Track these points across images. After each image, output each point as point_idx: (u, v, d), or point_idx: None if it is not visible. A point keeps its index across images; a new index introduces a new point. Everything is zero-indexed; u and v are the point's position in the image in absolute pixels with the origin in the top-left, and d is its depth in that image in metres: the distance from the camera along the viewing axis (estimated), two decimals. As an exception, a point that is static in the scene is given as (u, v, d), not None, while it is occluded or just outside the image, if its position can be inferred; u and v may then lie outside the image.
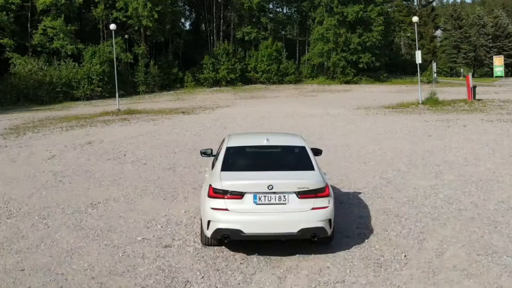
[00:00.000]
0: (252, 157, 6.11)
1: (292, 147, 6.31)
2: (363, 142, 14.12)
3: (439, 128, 16.40)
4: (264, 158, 6.11)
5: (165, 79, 44.26)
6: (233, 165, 5.92)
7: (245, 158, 6.11)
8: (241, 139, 6.88)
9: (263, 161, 6.06)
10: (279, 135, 8.10)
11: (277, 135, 8.06)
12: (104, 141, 15.85)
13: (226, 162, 5.90)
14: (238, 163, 6.04)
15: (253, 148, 6.26)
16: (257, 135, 7.51)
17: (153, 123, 21.02)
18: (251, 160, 6.07)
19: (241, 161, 6.08)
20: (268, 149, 6.20)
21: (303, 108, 26.11)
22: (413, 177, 9.54)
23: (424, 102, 26.18)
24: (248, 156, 6.12)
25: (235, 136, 6.91)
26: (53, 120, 24.05)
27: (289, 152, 6.24)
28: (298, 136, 6.96)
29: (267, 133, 8.28)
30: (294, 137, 6.87)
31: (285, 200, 5.47)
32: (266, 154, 6.16)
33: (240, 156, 6.14)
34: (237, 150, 6.19)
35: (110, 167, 11.34)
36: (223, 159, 5.95)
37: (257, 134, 8.18)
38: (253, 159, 6.09)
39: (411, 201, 7.87)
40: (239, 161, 6.08)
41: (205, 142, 14.68)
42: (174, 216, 7.35)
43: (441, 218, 6.95)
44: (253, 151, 6.18)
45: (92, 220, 7.24)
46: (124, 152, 13.43)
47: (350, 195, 8.36)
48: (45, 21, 39.83)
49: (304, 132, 16.44)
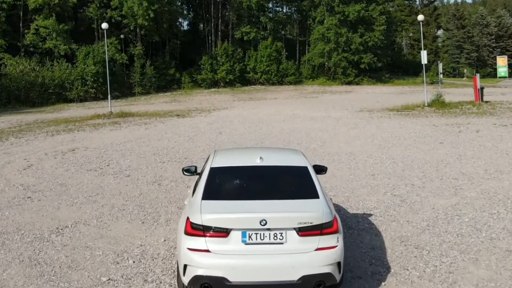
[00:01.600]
0: (241, 182, 4.90)
1: (291, 168, 5.11)
2: (369, 149, 12.94)
3: (450, 134, 15.22)
4: (256, 183, 4.91)
5: (161, 80, 43.12)
6: (217, 192, 4.73)
7: (232, 183, 4.91)
8: (229, 156, 5.68)
9: (255, 186, 4.86)
10: (275, 151, 6.77)
11: (272, 151, 6.73)
12: (89, 148, 14.69)
13: (209, 188, 4.71)
14: (224, 189, 4.85)
15: (243, 169, 5.05)
16: (248, 152, 6.23)
17: (144, 127, 19.86)
18: (240, 186, 4.88)
19: (227, 187, 4.88)
20: (262, 170, 5.00)
21: (304, 111, 24.95)
22: (430, 193, 8.36)
23: (430, 104, 25.02)
24: (236, 180, 4.92)
25: (222, 153, 5.71)
26: (41, 124, 22.91)
27: (287, 174, 5.04)
28: (298, 152, 5.73)
29: (260, 149, 7.03)
30: (293, 154, 5.66)
31: (283, 238, 4.30)
32: (259, 178, 4.97)
33: (226, 180, 4.95)
34: (223, 172, 5.00)
35: (88, 180, 10.17)
36: (205, 184, 4.77)
37: (248, 151, 6.81)
38: (243, 184, 4.89)
39: (432, 226, 6.70)
40: (225, 186, 4.89)
41: (197, 151, 13.52)
42: (151, 247, 6.17)
43: (471, 251, 5.77)
44: (243, 173, 4.98)
45: (53, 252, 6.07)
46: (108, 162, 12.26)
47: (359, 217, 7.18)
48: (37, 20, 38.73)
49: (305, 138, 15.32)
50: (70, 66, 37.84)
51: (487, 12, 77.76)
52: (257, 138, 15.64)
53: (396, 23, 56.21)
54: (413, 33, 68.46)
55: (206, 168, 5.12)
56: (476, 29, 71.88)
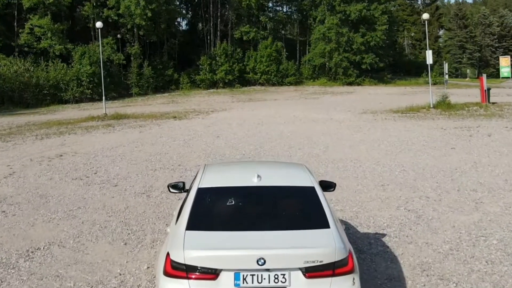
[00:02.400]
0: (234, 207, 4.05)
1: (295, 190, 4.23)
2: (376, 155, 12.09)
3: (460, 138, 14.37)
4: (253, 208, 4.04)
5: (159, 80, 42.27)
6: (205, 220, 3.87)
7: (224, 209, 4.05)
8: (220, 173, 4.81)
9: (251, 213, 3.99)
10: (275, 166, 5.77)
11: (272, 166, 5.67)
12: (78, 153, 13.84)
13: (195, 215, 3.85)
14: (213, 216, 3.98)
15: (237, 191, 4.18)
16: (243, 168, 5.30)
17: (139, 130, 19.01)
18: (233, 212, 4.02)
19: (217, 214, 4.02)
20: (260, 192, 4.13)
21: (304, 112, 24.11)
22: (448, 208, 7.51)
23: (435, 106, 24.16)
24: (228, 205, 4.06)
25: (213, 169, 4.84)
26: (32, 126, 22.07)
27: (290, 197, 4.17)
28: (303, 167, 4.84)
29: (258, 164, 6.05)
30: (297, 170, 4.78)
31: (285, 281, 3.45)
32: (256, 202, 4.10)
33: (216, 204, 4.09)
34: (213, 194, 4.13)
35: (72, 191, 9.32)
36: (190, 210, 3.90)
37: (243, 166, 5.67)
38: (237, 211, 4.04)
39: (455, 249, 5.84)
40: (215, 213, 4.02)
41: (192, 156, 12.67)
42: (132, 276, 5.32)
43: (506, 283, 4.92)
44: (236, 196, 4.12)
45: (16, 283, 5.22)
46: (96, 169, 11.41)
47: (371, 238, 6.33)
48: (32, 20, 37.86)
49: (307, 142, 14.46)
50: (65, 66, 36.99)
51: (489, 11, 76.92)
52: (256, 142, 14.80)
53: (398, 22, 55.33)
54: (415, 33, 67.65)
55: (192, 189, 4.26)
56: (478, 29, 71.03)
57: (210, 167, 4.86)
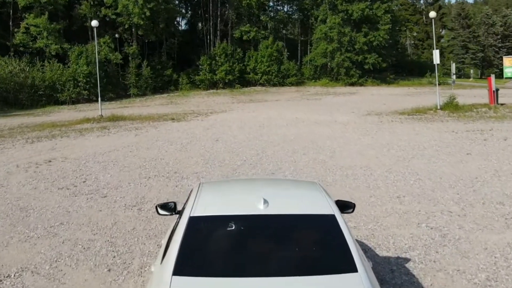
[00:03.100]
0: (235, 243, 3.21)
1: (310, 219, 3.35)
2: (387, 162, 11.26)
3: (475, 142, 13.53)
4: (258, 245, 3.20)
5: (158, 81, 41.39)
6: (197, 261, 3.02)
7: (221, 245, 3.21)
8: (218, 196, 3.95)
9: (256, 251, 3.15)
10: (283, 186, 4.68)
11: (279, 186, 4.62)
12: (68, 158, 13.01)
13: (185, 255, 3.01)
14: (208, 257, 3.13)
15: (239, 221, 3.35)
16: (246, 188, 4.36)
17: (135, 133, 18.19)
18: (232, 251, 3.18)
19: (213, 253, 3.18)
20: (267, 223, 3.30)
21: (307, 114, 23.29)
22: (475, 225, 6.67)
23: (442, 107, 23.33)
24: (227, 241, 3.22)
25: (209, 189, 3.99)
26: (25, 129, 21.26)
27: (305, 229, 3.33)
28: (317, 187, 3.96)
29: (263, 182, 5.01)
30: (310, 190, 3.92)
31: None
32: (263, 235, 3.27)
33: (212, 239, 3.25)
34: (209, 225, 3.30)
35: (56, 202, 8.49)
36: (179, 248, 3.07)
37: (246, 185, 4.61)
38: (238, 249, 3.20)
39: (493, 279, 5.00)
40: (210, 251, 3.18)
41: (189, 163, 11.83)
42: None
43: None
44: (238, 228, 3.28)
45: (-25, 324, 4.39)
46: (85, 177, 10.57)
47: (392, 264, 5.49)
48: (27, 19, 37.00)
49: (311, 147, 13.63)
50: (61, 66, 36.13)
51: (492, 11, 76.03)
52: (258, 146, 13.96)
53: (401, 22, 54.44)
54: (417, 33, 66.82)
55: (183, 217, 3.41)
56: (481, 28, 70.15)
57: (206, 188, 4.01)
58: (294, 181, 5.70)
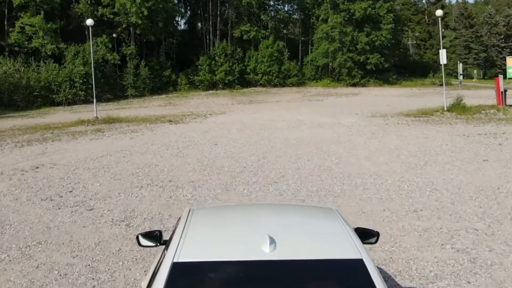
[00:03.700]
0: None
1: (332, 266, 2.55)
2: (398, 169, 10.46)
3: (490, 147, 12.73)
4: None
5: (156, 81, 40.55)
6: None
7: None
8: (211, 231, 3.09)
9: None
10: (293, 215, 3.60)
11: (289, 214, 3.59)
12: (57, 164, 12.22)
13: None
14: None
15: (238, 270, 2.53)
16: (247, 216, 3.44)
17: (130, 136, 17.40)
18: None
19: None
20: (274, 271, 2.50)
21: (309, 116, 22.52)
22: (507, 247, 5.87)
23: (449, 109, 22.55)
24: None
25: (200, 220, 3.15)
26: (17, 131, 20.48)
27: (325, 279, 2.54)
28: (333, 214, 3.11)
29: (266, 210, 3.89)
30: (327, 222, 3.06)
31: None
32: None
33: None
34: (197, 276, 2.50)
35: (37, 216, 7.70)
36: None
37: (246, 215, 3.55)
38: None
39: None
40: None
41: (185, 170, 11.03)
42: None
43: None
44: (236, 280, 2.47)
45: None
46: (72, 186, 9.78)
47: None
48: (23, 18, 36.18)
49: (316, 152, 12.83)
50: (57, 67, 35.31)
51: (495, 11, 75.21)
52: (259, 151, 13.17)
53: (403, 21, 53.63)
54: (420, 33, 66.02)
55: (165, 262, 2.60)
56: (484, 28, 69.35)
57: (196, 217, 3.19)
58: (305, 208, 4.44)
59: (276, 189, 9.06)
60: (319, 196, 8.49)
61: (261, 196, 8.56)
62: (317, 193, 8.67)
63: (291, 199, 8.36)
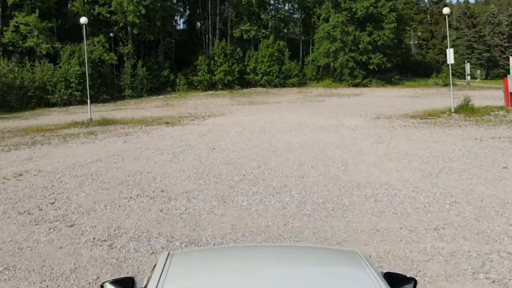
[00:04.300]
0: None
1: None
2: (411, 178, 9.60)
3: (507, 153, 11.87)
4: None
5: (154, 82, 39.73)
6: None
7: None
8: (194, 284, 2.20)
9: None
10: (304, 263, 2.58)
11: (298, 262, 2.59)
12: (42, 171, 11.37)
13: None
14: None
15: None
16: (242, 265, 2.49)
17: (124, 139, 16.56)
18: None
19: None
20: None
21: (311, 117, 21.70)
22: (551, 276, 5.01)
23: (457, 110, 21.72)
24: None
25: (180, 271, 2.22)
26: (6, 134, 19.65)
27: None
28: (360, 261, 2.31)
29: (269, 251, 2.95)
30: (351, 274, 2.26)
31: None
32: None
33: None
34: None
35: (10, 234, 6.84)
36: None
37: (242, 261, 2.61)
38: None
39: None
40: None
41: (179, 178, 10.17)
42: None
43: None
44: None
45: None
46: (55, 197, 8.92)
47: None
48: (17, 17, 35.31)
49: (320, 158, 11.97)
50: (52, 66, 34.45)
51: (498, 10, 74.35)
52: (259, 157, 12.32)
53: (406, 20, 52.78)
54: (422, 32, 65.16)
55: None
56: (487, 28, 68.51)
57: (176, 266, 2.33)
58: (320, 252, 3.17)
59: (278, 201, 8.21)
60: (326, 209, 7.64)
61: (261, 210, 7.72)
62: (324, 206, 7.83)
63: (295, 212, 7.52)
